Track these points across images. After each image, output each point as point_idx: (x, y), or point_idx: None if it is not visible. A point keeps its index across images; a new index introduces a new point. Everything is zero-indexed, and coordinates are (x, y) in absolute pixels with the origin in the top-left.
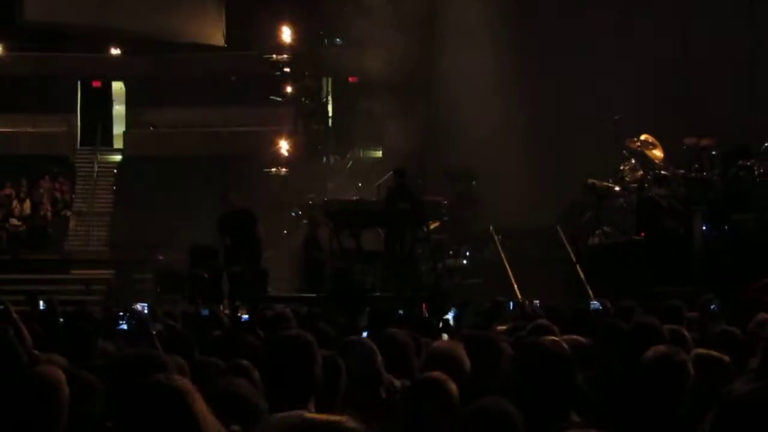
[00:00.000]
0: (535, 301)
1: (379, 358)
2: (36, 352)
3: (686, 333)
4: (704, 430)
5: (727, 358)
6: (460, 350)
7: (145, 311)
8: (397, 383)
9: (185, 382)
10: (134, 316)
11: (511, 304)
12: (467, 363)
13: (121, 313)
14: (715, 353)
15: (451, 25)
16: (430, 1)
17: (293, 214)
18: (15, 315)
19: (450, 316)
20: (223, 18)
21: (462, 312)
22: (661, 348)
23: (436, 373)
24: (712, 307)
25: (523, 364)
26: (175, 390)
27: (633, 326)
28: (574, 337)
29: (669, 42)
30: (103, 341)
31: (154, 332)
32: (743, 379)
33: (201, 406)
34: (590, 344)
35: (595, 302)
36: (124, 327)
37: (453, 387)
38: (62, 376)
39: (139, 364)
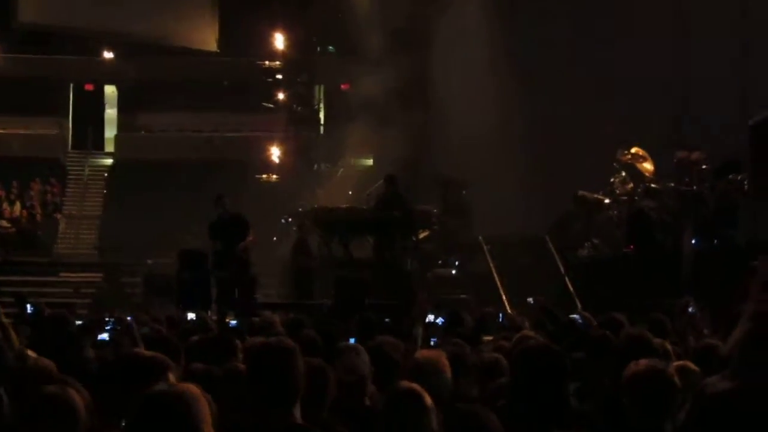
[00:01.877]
0: (528, 299)
1: (368, 365)
2: (29, 352)
3: (669, 347)
4: (678, 421)
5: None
6: (443, 359)
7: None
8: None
9: (192, 390)
10: (120, 324)
11: (501, 315)
12: (449, 372)
13: (108, 319)
14: (691, 366)
15: (444, 34)
16: (424, 10)
17: (283, 220)
18: (3, 318)
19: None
20: (217, 23)
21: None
22: (647, 361)
23: (410, 385)
24: (690, 310)
25: (519, 367)
26: (183, 398)
27: (623, 338)
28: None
29: (662, 56)
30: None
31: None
32: (717, 376)
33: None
34: (579, 357)
35: (576, 316)
36: (105, 337)
37: (427, 399)
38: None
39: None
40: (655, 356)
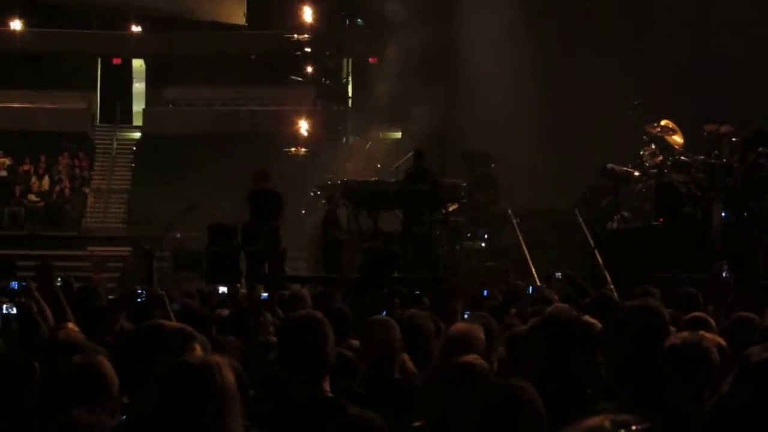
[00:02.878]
0: (556, 273)
1: (399, 339)
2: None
3: (709, 318)
4: (722, 393)
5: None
6: (478, 332)
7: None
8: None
9: (216, 360)
10: (150, 294)
11: (530, 288)
12: (483, 346)
13: (139, 291)
14: (722, 341)
15: (472, 6)
16: None
17: (312, 194)
18: (36, 293)
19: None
20: None
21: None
22: (685, 334)
23: (467, 358)
24: (723, 274)
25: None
26: (205, 368)
27: (630, 310)
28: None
29: (690, 29)
30: (120, 320)
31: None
32: (762, 346)
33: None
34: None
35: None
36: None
37: (485, 367)
38: None
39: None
40: (667, 327)
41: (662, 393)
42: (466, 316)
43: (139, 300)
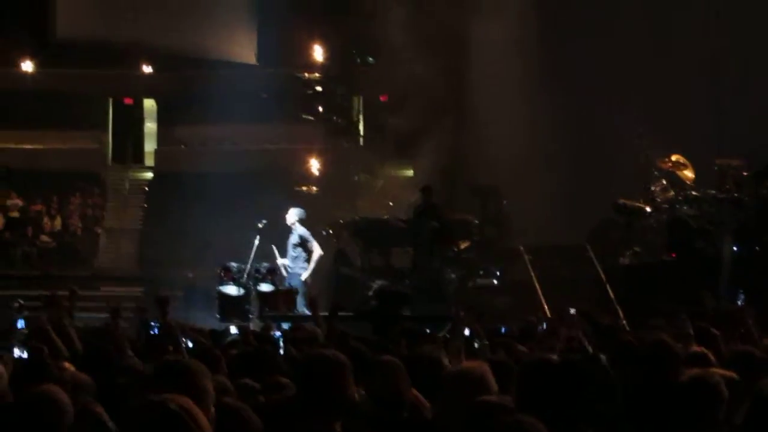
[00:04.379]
0: (570, 310)
1: (406, 379)
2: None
3: (708, 354)
4: (736, 424)
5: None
6: (485, 370)
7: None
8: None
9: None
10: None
11: (544, 324)
12: (493, 384)
13: (153, 323)
14: (727, 373)
15: (479, 43)
16: (460, 19)
17: (324, 232)
18: (52, 334)
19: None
20: (255, 35)
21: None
22: (695, 371)
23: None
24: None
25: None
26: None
27: (647, 345)
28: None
29: (699, 62)
30: (131, 358)
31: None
32: None
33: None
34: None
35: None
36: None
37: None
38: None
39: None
40: (677, 362)
41: (674, 429)
42: (476, 345)
43: (151, 332)
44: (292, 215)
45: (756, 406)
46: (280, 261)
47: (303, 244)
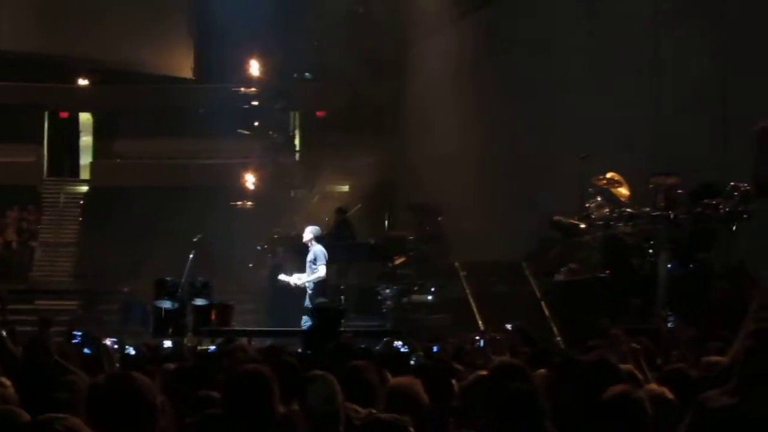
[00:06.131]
0: (507, 325)
1: (340, 394)
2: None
3: (637, 372)
4: None
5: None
6: (418, 386)
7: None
8: (361, 412)
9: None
10: (93, 341)
11: (481, 341)
12: (425, 398)
13: (75, 333)
14: (661, 391)
15: (418, 62)
16: (400, 38)
17: (259, 247)
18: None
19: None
20: (192, 50)
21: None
22: (620, 387)
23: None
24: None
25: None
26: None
27: (587, 363)
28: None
29: (636, 81)
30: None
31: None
32: (718, 390)
33: None
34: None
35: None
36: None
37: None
38: None
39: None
40: (620, 381)
41: None
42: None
43: (74, 341)
44: (308, 233)
45: (695, 419)
46: (298, 279)
47: (316, 261)
